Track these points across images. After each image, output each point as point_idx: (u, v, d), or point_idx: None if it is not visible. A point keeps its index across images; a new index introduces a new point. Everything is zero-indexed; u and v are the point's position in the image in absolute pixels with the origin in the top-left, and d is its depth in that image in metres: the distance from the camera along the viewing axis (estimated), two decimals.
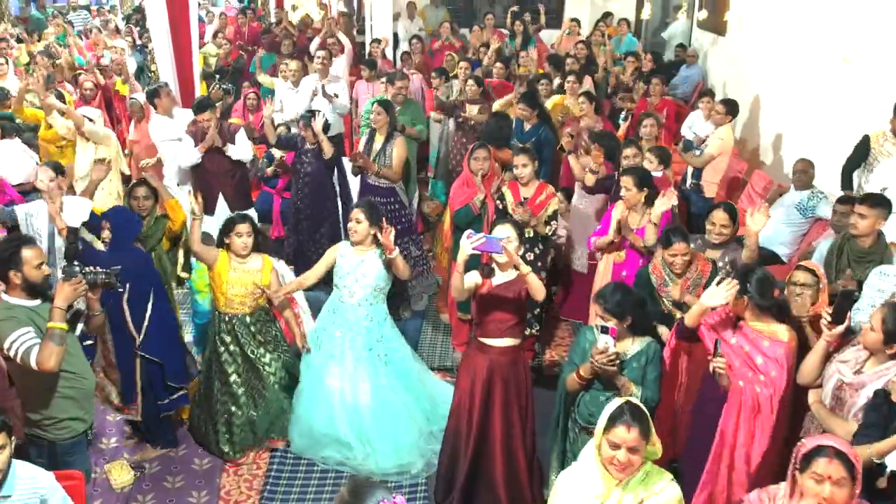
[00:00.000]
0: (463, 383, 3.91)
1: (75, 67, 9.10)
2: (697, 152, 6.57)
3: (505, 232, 3.72)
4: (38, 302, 3.23)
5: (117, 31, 11.50)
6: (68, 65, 9.03)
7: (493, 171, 5.37)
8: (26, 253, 3.18)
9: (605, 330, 3.31)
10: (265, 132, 6.30)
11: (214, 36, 10.86)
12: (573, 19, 10.85)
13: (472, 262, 3.77)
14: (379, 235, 4.16)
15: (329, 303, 4.47)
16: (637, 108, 7.50)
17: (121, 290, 3.57)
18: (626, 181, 4.67)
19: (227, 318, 4.35)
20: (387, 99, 6.30)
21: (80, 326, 3.46)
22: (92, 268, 3.28)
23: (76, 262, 3.39)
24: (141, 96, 7.02)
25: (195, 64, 7.47)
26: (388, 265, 4.25)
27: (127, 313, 4.23)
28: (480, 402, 3.85)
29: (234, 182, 6.11)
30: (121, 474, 4.27)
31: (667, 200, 4.46)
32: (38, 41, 10.65)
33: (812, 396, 3.39)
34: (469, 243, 3.45)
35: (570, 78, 7.40)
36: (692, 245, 4.13)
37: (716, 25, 9.41)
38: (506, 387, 3.85)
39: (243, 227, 4.25)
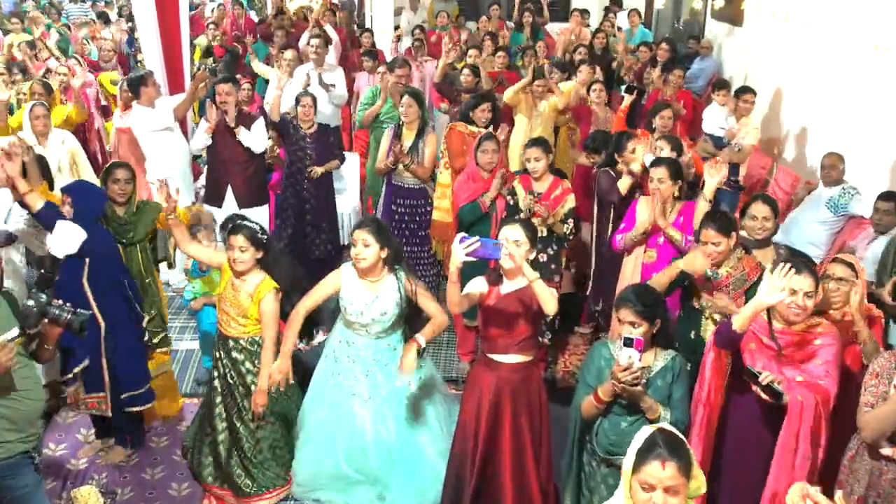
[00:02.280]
0: (468, 403, 3.49)
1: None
2: (736, 148, 6.06)
3: (514, 234, 3.27)
4: None
5: (106, 21, 11.13)
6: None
7: (500, 161, 4.95)
8: None
9: (628, 342, 2.87)
10: (272, 108, 5.70)
11: (208, 27, 10.45)
12: (580, 10, 10.41)
13: (470, 271, 3.35)
14: (401, 278, 3.55)
15: (340, 331, 3.81)
16: (649, 99, 7.05)
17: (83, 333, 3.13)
18: (660, 172, 4.18)
19: (220, 336, 3.83)
20: (417, 89, 5.84)
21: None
22: (60, 302, 2.98)
23: (44, 293, 3.02)
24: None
25: (185, 54, 7.11)
26: (409, 295, 3.58)
27: (90, 295, 3.79)
28: (487, 426, 3.42)
29: (248, 174, 5.70)
30: (88, 501, 3.86)
31: (718, 171, 4.07)
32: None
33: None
34: (461, 249, 2.99)
35: (584, 68, 6.99)
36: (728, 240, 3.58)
37: (731, 15, 8.98)
38: (516, 409, 3.41)
39: (235, 240, 3.55)
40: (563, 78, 7.39)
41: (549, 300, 3.15)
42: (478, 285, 3.36)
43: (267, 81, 7.99)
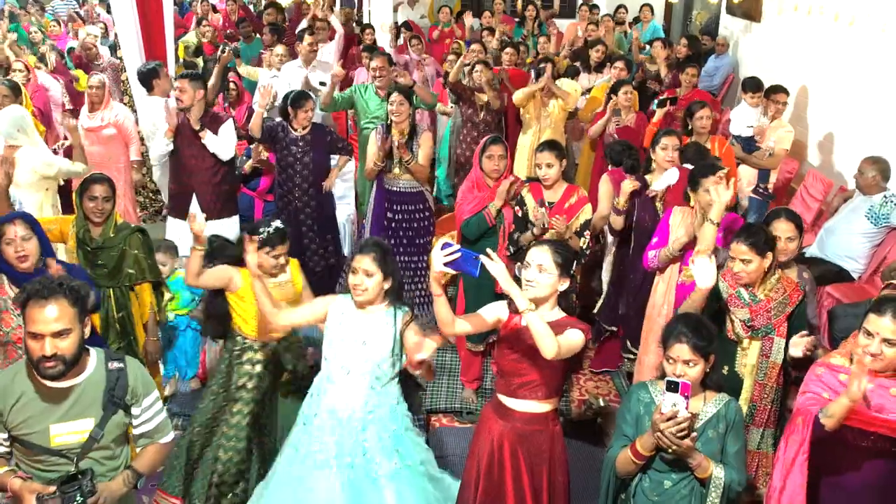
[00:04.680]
0: (475, 447, 2.97)
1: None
2: (767, 153, 5.56)
3: (540, 257, 2.76)
4: None
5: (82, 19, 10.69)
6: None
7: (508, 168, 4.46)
8: None
9: (672, 387, 2.40)
10: (252, 126, 5.18)
11: (198, 24, 9.97)
12: (589, 5, 9.97)
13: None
14: (398, 318, 2.95)
15: (316, 382, 3.10)
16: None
17: None
18: (710, 181, 3.62)
19: (255, 348, 3.46)
20: (405, 85, 5.33)
21: None
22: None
23: None
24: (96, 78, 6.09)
25: (170, 52, 6.66)
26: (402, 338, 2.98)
27: None
28: (487, 482, 2.87)
29: (215, 182, 5.11)
30: None
31: (725, 189, 3.48)
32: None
33: None
34: (441, 256, 2.54)
35: (619, 64, 6.54)
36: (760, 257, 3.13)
37: (749, 11, 8.51)
38: (524, 467, 2.84)
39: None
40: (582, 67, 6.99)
41: (545, 341, 2.51)
42: (495, 311, 2.86)
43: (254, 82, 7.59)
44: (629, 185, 4.20)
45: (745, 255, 3.10)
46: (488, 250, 2.60)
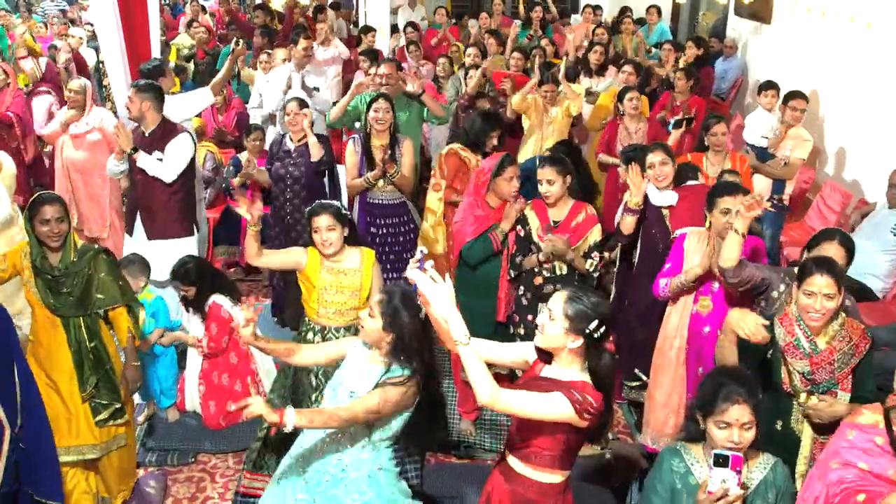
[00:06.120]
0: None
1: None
2: (782, 163, 5.23)
3: (553, 303, 2.37)
4: None
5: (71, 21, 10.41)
6: None
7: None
8: None
9: (722, 460, 2.10)
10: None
11: (189, 26, 9.68)
12: (592, 6, 9.65)
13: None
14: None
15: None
16: (657, 106, 6.23)
17: None
18: (733, 203, 3.25)
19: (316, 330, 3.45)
20: (386, 94, 5.01)
21: None
22: None
23: None
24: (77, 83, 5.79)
25: (155, 56, 6.34)
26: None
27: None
28: None
29: (162, 200, 4.62)
30: None
31: (756, 207, 3.00)
32: None
33: None
34: (410, 268, 2.24)
35: (627, 68, 6.20)
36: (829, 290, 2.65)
37: (758, 12, 8.22)
38: None
39: (319, 221, 3.32)
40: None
41: (475, 382, 2.18)
42: (524, 351, 2.52)
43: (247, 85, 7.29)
44: (643, 180, 3.77)
45: (831, 289, 2.63)
46: (426, 265, 2.23)
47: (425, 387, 2.58)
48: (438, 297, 2.17)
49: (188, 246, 4.76)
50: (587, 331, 2.28)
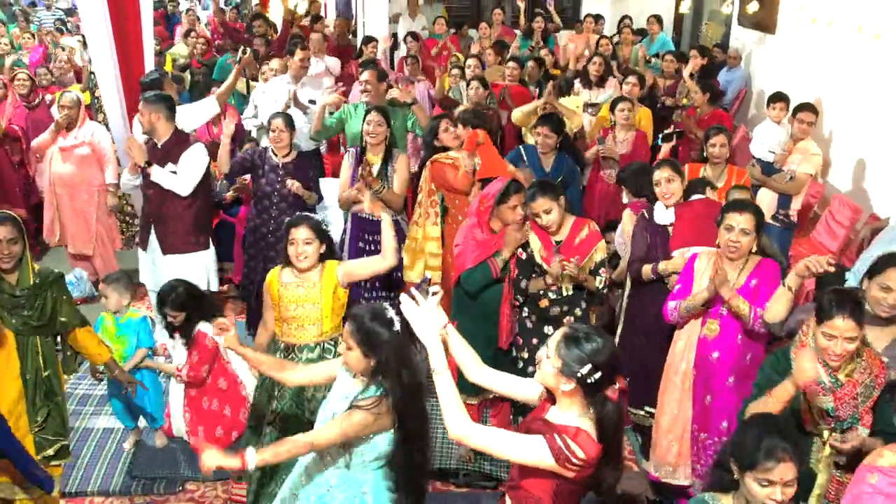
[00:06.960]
0: None
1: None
2: (788, 177, 5.08)
3: (552, 340, 2.23)
4: None
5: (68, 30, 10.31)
6: None
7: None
8: None
9: None
10: (219, 161, 4.75)
11: (186, 35, 9.56)
12: (594, 16, 9.54)
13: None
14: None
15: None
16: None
17: None
18: (743, 221, 3.15)
19: (286, 349, 3.43)
20: (383, 106, 4.89)
21: None
22: None
23: None
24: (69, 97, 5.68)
25: (148, 67, 6.21)
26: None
27: None
28: None
29: (178, 212, 4.55)
30: None
31: (819, 266, 2.80)
32: None
33: None
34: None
35: (631, 79, 6.06)
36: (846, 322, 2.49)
37: (762, 22, 8.09)
38: None
39: (298, 233, 3.31)
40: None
41: (446, 413, 2.18)
42: (536, 388, 2.38)
43: (244, 97, 7.15)
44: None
45: (853, 332, 2.48)
46: (413, 291, 2.22)
47: (404, 406, 2.46)
48: (420, 324, 2.17)
49: (204, 260, 4.67)
50: (579, 375, 2.12)
